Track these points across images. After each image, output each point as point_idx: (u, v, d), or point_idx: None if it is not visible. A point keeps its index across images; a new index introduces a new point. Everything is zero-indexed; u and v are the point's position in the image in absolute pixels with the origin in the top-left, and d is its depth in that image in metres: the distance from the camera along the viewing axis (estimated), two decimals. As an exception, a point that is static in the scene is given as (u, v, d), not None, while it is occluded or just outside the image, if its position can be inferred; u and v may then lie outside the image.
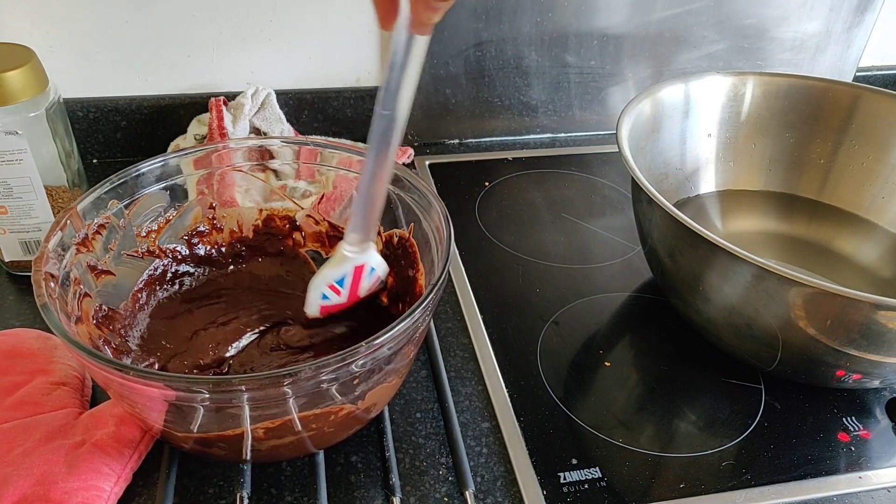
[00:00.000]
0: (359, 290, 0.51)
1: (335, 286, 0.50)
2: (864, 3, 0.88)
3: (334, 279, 0.50)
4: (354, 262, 0.49)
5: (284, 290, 0.59)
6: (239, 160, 0.57)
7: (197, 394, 0.38)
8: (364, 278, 0.51)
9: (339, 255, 0.49)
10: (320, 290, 0.50)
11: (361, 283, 0.51)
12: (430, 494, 0.48)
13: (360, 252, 0.49)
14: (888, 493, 0.50)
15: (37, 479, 0.44)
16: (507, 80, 0.85)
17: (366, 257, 0.50)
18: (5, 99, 0.56)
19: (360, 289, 0.51)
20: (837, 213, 0.71)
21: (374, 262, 0.51)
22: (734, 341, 0.56)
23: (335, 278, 0.50)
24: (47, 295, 0.42)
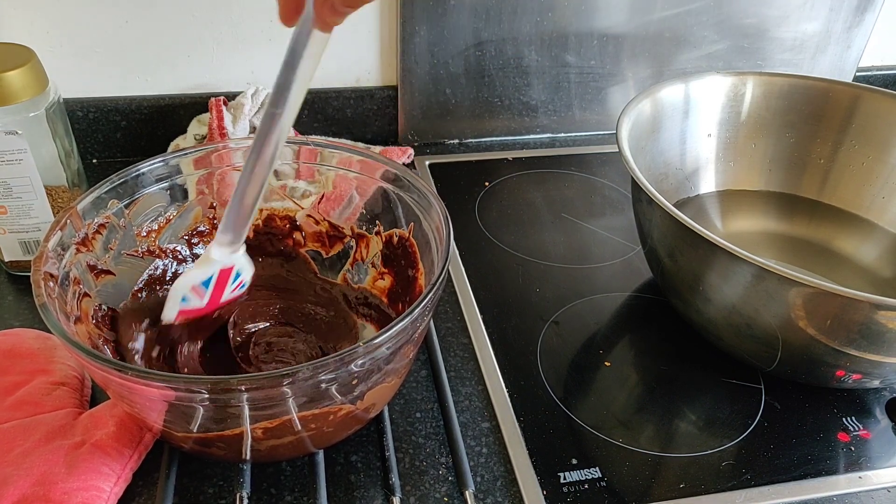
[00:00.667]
0: (222, 295, 0.49)
1: (198, 288, 0.48)
2: (864, 3, 0.88)
3: (200, 280, 0.47)
4: (222, 264, 0.47)
5: (285, 289, 0.59)
6: (239, 160, 0.57)
7: (196, 394, 0.38)
8: (228, 283, 0.48)
9: (206, 256, 0.47)
10: (182, 292, 0.47)
11: (225, 288, 0.49)
12: (430, 494, 0.48)
13: (229, 254, 0.47)
14: (888, 493, 0.50)
15: (36, 479, 0.44)
16: (507, 79, 0.86)
17: (233, 259, 0.47)
18: (5, 99, 0.56)
19: (223, 294, 0.49)
20: (837, 213, 0.71)
21: (240, 266, 0.48)
22: (734, 341, 0.56)
23: (201, 279, 0.47)
24: (46, 295, 0.42)
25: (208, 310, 0.49)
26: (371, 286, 0.58)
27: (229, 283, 0.49)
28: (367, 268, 0.58)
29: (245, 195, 0.45)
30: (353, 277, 0.59)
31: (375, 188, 0.56)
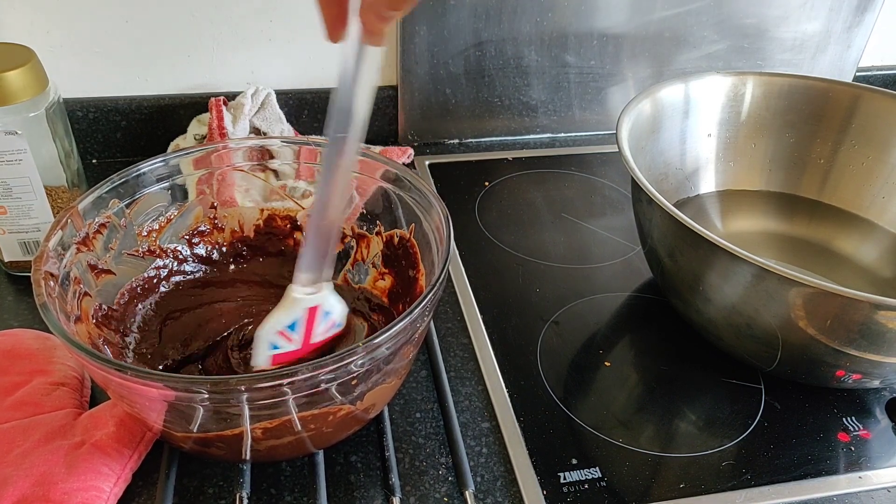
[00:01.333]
0: (313, 335, 0.46)
1: (286, 333, 0.45)
2: (864, 3, 0.88)
3: (285, 325, 0.45)
4: (307, 304, 0.45)
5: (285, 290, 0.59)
6: (239, 160, 0.57)
7: (196, 394, 0.38)
8: (319, 322, 0.46)
9: (290, 297, 0.44)
10: (269, 339, 0.45)
11: (315, 328, 0.46)
12: (430, 494, 0.48)
13: (313, 292, 0.45)
14: (888, 493, 0.50)
15: (36, 479, 0.44)
16: (507, 80, 0.85)
17: (319, 298, 0.45)
18: (5, 99, 0.56)
19: (314, 334, 0.46)
20: (837, 212, 0.71)
21: (328, 305, 0.46)
22: (734, 341, 0.56)
23: (286, 324, 0.45)
24: (46, 294, 0.42)
25: (303, 352, 0.46)
26: (372, 286, 0.58)
27: (320, 322, 0.46)
28: (368, 268, 0.58)
29: (321, 230, 0.43)
30: (353, 277, 0.59)
31: (376, 188, 0.56)
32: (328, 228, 0.43)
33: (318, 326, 0.46)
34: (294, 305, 0.45)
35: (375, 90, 0.39)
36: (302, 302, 0.45)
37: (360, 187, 0.57)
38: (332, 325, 0.47)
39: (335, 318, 0.47)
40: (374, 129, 0.87)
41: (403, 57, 0.81)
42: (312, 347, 0.47)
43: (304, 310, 0.45)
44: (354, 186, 0.58)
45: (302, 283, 0.44)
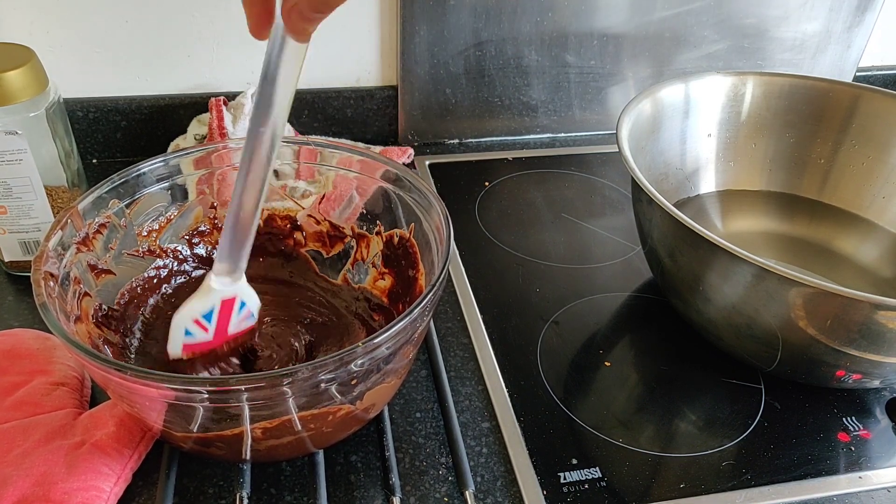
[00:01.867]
0: (228, 326, 0.47)
1: (201, 321, 0.45)
2: (864, 3, 0.88)
3: (200, 313, 0.45)
4: (222, 295, 0.45)
5: (286, 289, 0.59)
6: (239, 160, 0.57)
7: (196, 394, 0.38)
8: (235, 313, 0.46)
9: (206, 286, 0.45)
10: (184, 325, 0.45)
11: (231, 319, 0.46)
12: (430, 494, 0.48)
13: (230, 283, 0.45)
14: (888, 493, 0.50)
15: (36, 479, 0.44)
16: (507, 79, 0.85)
17: (235, 289, 0.45)
18: (5, 99, 0.56)
19: (229, 325, 0.47)
20: (837, 212, 0.71)
21: (244, 295, 0.46)
22: (734, 341, 0.56)
23: (201, 312, 0.45)
24: (46, 294, 0.42)
25: (216, 343, 0.47)
26: (371, 286, 0.58)
27: (234, 314, 0.46)
28: (368, 268, 0.58)
29: (238, 221, 0.43)
30: (353, 277, 0.59)
31: (376, 188, 0.56)
32: (245, 221, 0.43)
33: (234, 317, 0.46)
34: (210, 294, 0.45)
35: (295, 87, 0.39)
36: (218, 292, 0.45)
37: (360, 187, 0.57)
38: (248, 316, 0.47)
39: (250, 309, 0.47)
40: (374, 129, 0.87)
41: (403, 57, 0.81)
42: (225, 339, 0.47)
43: (220, 300, 0.45)
44: (355, 186, 0.58)
45: (218, 273, 0.45)
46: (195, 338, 0.46)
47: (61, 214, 0.48)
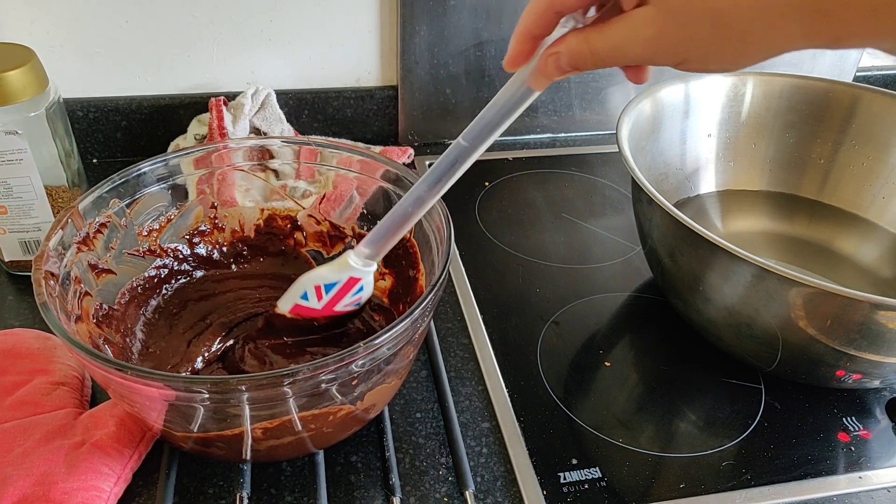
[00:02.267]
0: (339, 303, 0.49)
1: (322, 289, 0.48)
2: (864, 3, 0.88)
3: (326, 281, 0.48)
4: (353, 273, 0.47)
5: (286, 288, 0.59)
6: (239, 160, 0.58)
7: (196, 394, 0.38)
8: (350, 294, 0.49)
9: (344, 261, 0.47)
10: (305, 288, 0.48)
11: (344, 298, 0.49)
12: (430, 494, 0.48)
13: (363, 266, 0.47)
14: (888, 493, 0.50)
15: (37, 479, 0.44)
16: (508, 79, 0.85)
17: (365, 272, 0.48)
18: (5, 99, 0.56)
19: (340, 302, 0.49)
20: (837, 213, 0.71)
21: (366, 281, 0.48)
22: (734, 341, 0.56)
23: (328, 281, 0.48)
24: (47, 294, 0.42)
25: (320, 314, 0.49)
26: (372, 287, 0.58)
27: (350, 294, 0.48)
28: (368, 268, 0.58)
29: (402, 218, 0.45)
30: (353, 277, 0.59)
31: (376, 188, 0.56)
32: (407, 220, 0.45)
33: (348, 297, 0.49)
34: (344, 269, 0.47)
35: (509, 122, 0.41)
36: (352, 269, 0.47)
37: (360, 187, 0.57)
38: (356, 302, 0.50)
39: (362, 297, 0.49)
40: (374, 129, 0.87)
41: (403, 57, 0.81)
42: (329, 314, 0.49)
43: (348, 276, 0.47)
44: (355, 186, 0.58)
45: (360, 254, 0.47)
46: (308, 302, 0.48)
47: (62, 214, 0.48)
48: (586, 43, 0.34)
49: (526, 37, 0.36)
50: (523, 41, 0.37)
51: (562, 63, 0.35)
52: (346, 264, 0.47)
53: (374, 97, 0.84)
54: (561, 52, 0.35)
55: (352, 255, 0.47)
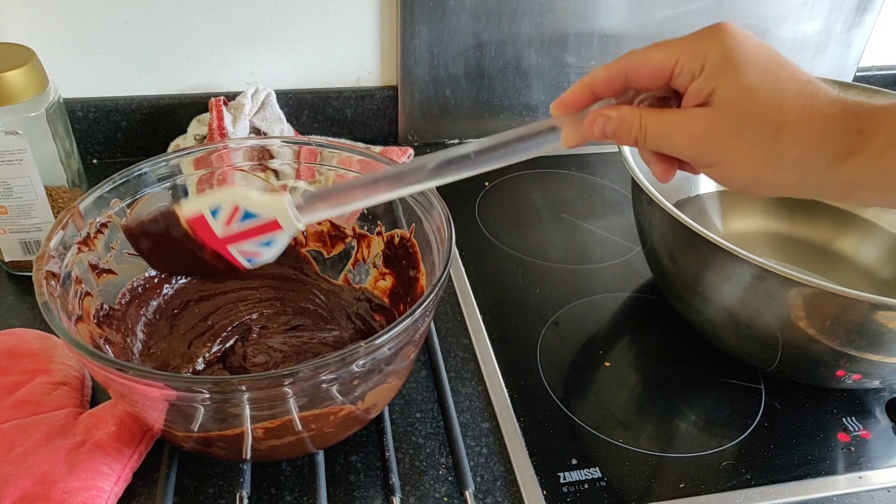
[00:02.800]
0: (240, 242, 0.43)
1: (238, 213, 0.41)
2: (864, 3, 0.88)
3: (249, 207, 0.41)
4: (279, 216, 0.41)
5: (287, 288, 0.59)
6: (239, 160, 0.58)
7: (197, 394, 0.38)
8: (258, 239, 0.42)
9: (279, 200, 0.41)
10: (224, 201, 0.41)
11: (250, 240, 0.42)
12: (430, 494, 0.48)
13: (292, 215, 0.41)
14: (888, 493, 0.50)
15: (37, 478, 0.44)
16: (507, 80, 0.86)
17: (288, 223, 0.41)
18: (5, 99, 0.56)
19: (241, 242, 0.43)
20: (837, 213, 0.71)
21: (280, 237, 0.42)
22: (734, 341, 0.56)
23: (250, 208, 0.41)
24: (48, 294, 0.42)
25: (214, 243, 0.43)
26: (372, 286, 0.58)
27: (257, 239, 0.42)
28: (369, 268, 0.58)
29: (361, 190, 0.41)
30: (354, 278, 0.59)
31: (376, 188, 0.56)
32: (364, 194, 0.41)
33: (252, 242, 0.43)
34: (275, 208, 0.41)
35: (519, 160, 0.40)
36: (281, 212, 0.41)
37: (360, 187, 0.57)
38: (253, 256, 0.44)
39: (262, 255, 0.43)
40: (374, 129, 0.87)
41: (403, 57, 0.81)
42: (221, 250, 0.43)
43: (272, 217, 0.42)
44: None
45: (295, 203, 0.42)
46: (213, 221, 0.42)
47: (62, 214, 0.48)
48: (639, 118, 0.36)
49: (588, 89, 0.37)
50: (585, 92, 0.38)
51: (608, 127, 0.37)
52: (280, 204, 0.41)
53: (374, 97, 0.84)
54: (612, 117, 0.36)
55: (288, 198, 0.41)
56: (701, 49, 0.34)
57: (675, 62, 0.34)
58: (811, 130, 0.33)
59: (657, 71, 0.35)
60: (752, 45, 0.34)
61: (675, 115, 0.35)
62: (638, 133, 0.36)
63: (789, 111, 0.33)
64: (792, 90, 0.33)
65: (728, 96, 0.33)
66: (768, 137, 0.33)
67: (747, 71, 0.33)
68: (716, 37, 0.34)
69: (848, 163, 0.33)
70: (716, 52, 0.33)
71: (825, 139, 0.33)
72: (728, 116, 0.33)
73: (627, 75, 0.36)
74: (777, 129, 0.33)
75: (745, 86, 0.33)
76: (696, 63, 0.34)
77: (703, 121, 0.34)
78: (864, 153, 0.33)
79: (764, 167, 0.34)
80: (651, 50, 0.35)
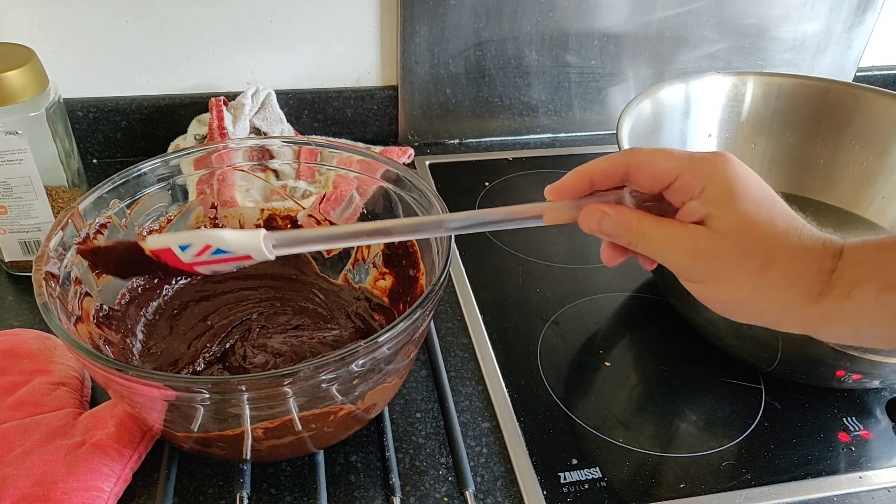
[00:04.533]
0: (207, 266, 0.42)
1: (209, 251, 0.41)
2: (864, 3, 0.88)
3: (223, 247, 0.41)
4: (254, 254, 0.41)
5: (286, 288, 0.59)
6: (239, 160, 0.58)
7: (197, 394, 0.38)
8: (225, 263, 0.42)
9: (256, 240, 0.41)
10: (197, 241, 0.41)
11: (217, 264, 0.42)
12: (430, 494, 0.48)
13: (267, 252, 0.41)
14: (888, 493, 0.50)
15: (36, 479, 0.44)
16: (508, 79, 0.85)
17: (260, 258, 0.41)
18: (5, 99, 0.56)
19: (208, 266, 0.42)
20: (838, 213, 0.71)
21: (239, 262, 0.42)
22: (734, 341, 0.56)
23: (224, 247, 0.41)
24: (48, 294, 0.42)
25: (179, 265, 0.42)
26: (372, 286, 0.58)
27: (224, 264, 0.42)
28: (369, 268, 0.58)
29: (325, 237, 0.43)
30: (354, 277, 0.59)
31: (376, 188, 0.56)
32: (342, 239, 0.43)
33: (219, 265, 0.42)
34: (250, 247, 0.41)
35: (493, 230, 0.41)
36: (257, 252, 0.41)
37: (360, 187, 0.57)
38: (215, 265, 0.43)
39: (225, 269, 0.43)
40: (374, 129, 0.87)
41: (404, 57, 0.81)
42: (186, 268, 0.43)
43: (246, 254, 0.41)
44: (355, 186, 0.58)
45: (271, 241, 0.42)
46: (180, 254, 0.42)
47: (62, 214, 0.48)
48: (638, 222, 0.36)
49: (587, 178, 0.38)
50: (583, 180, 0.38)
51: (605, 223, 0.37)
52: (255, 243, 0.41)
53: (374, 97, 0.84)
54: (611, 214, 0.37)
55: (264, 241, 0.41)
56: (704, 172, 0.34)
57: (678, 176, 0.35)
58: (794, 267, 0.35)
59: (659, 177, 0.36)
60: (749, 178, 0.35)
61: (674, 229, 0.36)
62: (633, 237, 0.37)
63: (779, 246, 0.34)
64: (782, 225, 0.35)
65: (728, 225, 0.34)
66: (760, 270, 0.34)
67: (745, 203, 0.34)
68: (718, 164, 0.35)
69: (820, 301, 0.34)
70: (717, 179, 0.34)
71: (804, 276, 0.35)
72: (727, 243, 0.34)
73: (629, 171, 0.37)
74: (768, 263, 0.34)
75: (745, 217, 0.34)
76: (697, 184, 0.34)
77: (704, 241, 0.35)
78: (833, 292, 0.34)
79: (752, 296, 0.35)
80: (658, 156, 0.36)
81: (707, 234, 0.35)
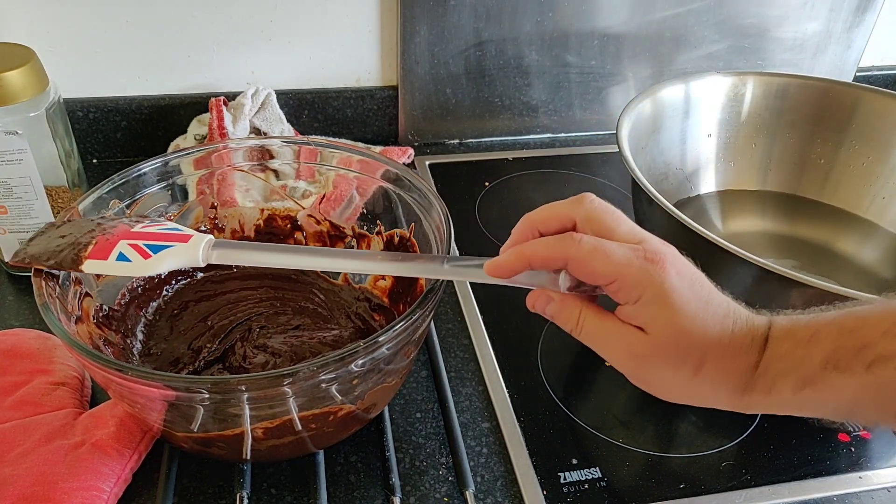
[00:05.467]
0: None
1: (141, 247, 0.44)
2: (864, 3, 0.88)
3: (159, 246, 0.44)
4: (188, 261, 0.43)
5: (286, 288, 0.59)
6: (239, 160, 0.58)
7: (196, 394, 0.38)
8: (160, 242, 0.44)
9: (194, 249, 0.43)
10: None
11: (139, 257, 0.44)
12: (430, 494, 0.48)
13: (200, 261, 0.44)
14: (888, 493, 0.50)
15: (36, 479, 0.44)
16: (508, 79, 0.85)
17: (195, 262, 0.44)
18: (5, 99, 0.56)
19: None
20: (838, 213, 0.71)
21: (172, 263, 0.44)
22: (734, 341, 0.56)
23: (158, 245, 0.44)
24: (47, 294, 0.42)
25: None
26: (372, 286, 0.58)
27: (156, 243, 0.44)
28: (368, 268, 0.58)
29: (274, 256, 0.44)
30: (354, 277, 0.59)
31: (376, 188, 0.56)
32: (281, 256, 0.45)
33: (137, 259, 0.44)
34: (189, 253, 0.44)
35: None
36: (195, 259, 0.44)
37: (360, 187, 0.57)
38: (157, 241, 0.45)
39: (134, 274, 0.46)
40: (374, 129, 0.87)
41: (404, 57, 0.81)
42: None
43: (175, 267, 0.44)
44: (355, 186, 0.58)
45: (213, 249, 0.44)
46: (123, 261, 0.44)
47: (62, 214, 0.48)
48: (579, 312, 0.38)
49: (527, 262, 0.39)
50: (522, 261, 0.39)
51: (549, 308, 0.40)
52: (194, 255, 0.44)
53: (374, 97, 0.84)
54: (555, 300, 0.39)
55: (203, 248, 0.44)
56: (640, 282, 0.35)
57: (615, 280, 0.36)
58: (724, 364, 0.36)
59: (594, 278, 0.37)
60: (684, 287, 0.36)
61: (615, 329, 0.37)
62: (574, 327, 0.38)
63: (711, 349, 0.36)
64: (715, 329, 0.36)
65: (663, 334, 0.36)
66: (692, 372, 0.36)
67: (680, 316, 0.35)
68: (654, 276, 0.35)
69: (747, 394, 0.37)
70: (652, 290, 0.35)
71: (731, 373, 0.36)
72: (663, 351, 0.36)
73: (567, 262, 0.37)
74: (699, 366, 0.36)
75: (679, 327, 0.35)
76: (633, 292, 0.36)
77: (641, 344, 0.36)
78: (757, 387, 0.36)
79: (685, 393, 0.38)
80: (599, 256, 0.36)
81: (644, 340, 0.36)
